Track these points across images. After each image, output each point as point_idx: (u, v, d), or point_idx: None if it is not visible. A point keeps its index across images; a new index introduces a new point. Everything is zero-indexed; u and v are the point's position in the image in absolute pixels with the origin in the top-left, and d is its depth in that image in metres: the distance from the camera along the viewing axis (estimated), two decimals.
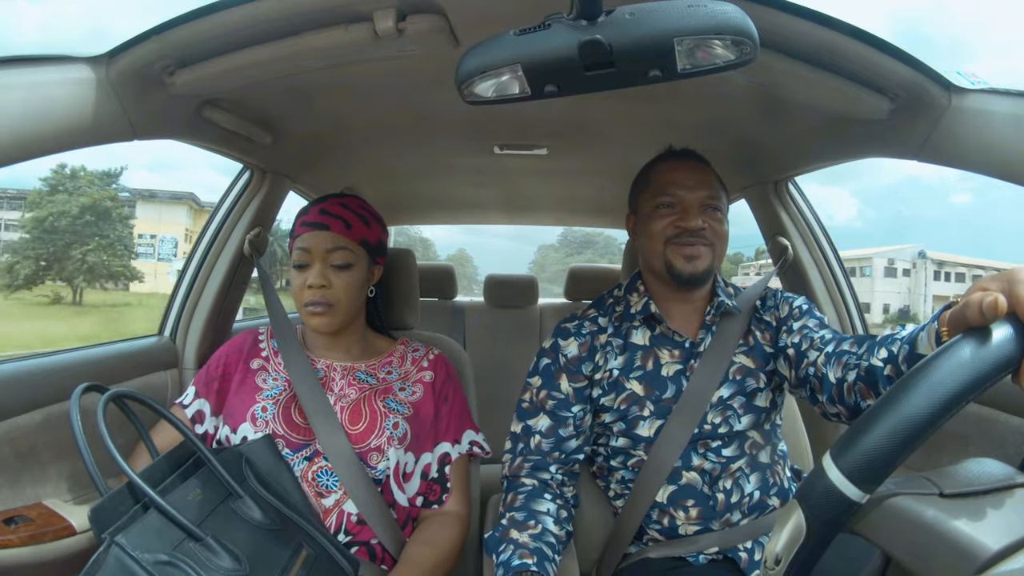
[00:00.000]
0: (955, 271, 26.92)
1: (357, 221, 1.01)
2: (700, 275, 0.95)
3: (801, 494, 0.43)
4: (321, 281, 0.97)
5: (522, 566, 0.82)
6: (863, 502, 0.41)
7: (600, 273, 2.35)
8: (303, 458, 0.93)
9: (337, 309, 0.98)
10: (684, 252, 0.94)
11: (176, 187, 71.04)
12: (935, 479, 0.43)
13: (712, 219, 0.96)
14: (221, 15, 0.75)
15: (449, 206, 2.35)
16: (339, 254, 0.98)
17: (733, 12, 0.53)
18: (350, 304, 1.00)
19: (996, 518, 0.40)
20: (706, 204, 0.96)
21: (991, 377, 0.42)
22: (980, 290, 0.49)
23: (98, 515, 0.66)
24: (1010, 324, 0.45)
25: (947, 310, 0.57)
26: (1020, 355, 0.44)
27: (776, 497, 0.96)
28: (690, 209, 0.95)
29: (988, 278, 0.50)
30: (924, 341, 0.63)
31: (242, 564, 0.72)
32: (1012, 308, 0.46)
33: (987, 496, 0.42)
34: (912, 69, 0.79)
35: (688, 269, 0.94)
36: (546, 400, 0.97)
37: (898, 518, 0.41)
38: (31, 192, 21.48)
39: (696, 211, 0.95)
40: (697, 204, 0.96)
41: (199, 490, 0.77)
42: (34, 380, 0.97)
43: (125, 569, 0.63)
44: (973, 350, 0.43)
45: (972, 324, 0.46)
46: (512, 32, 0.57)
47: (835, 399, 0.80)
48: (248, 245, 1.33)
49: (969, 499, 0.41)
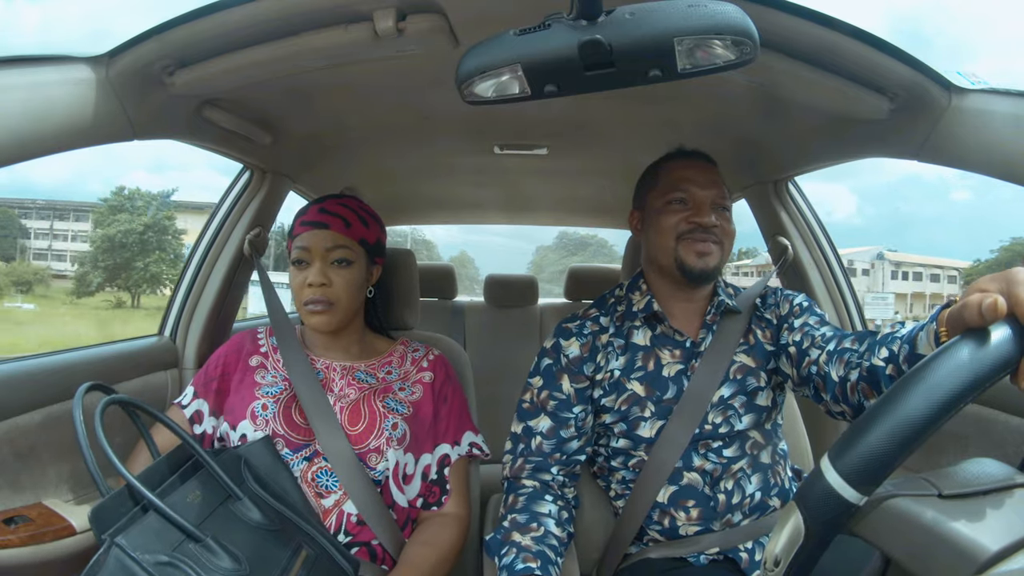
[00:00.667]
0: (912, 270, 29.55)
1: (356, 220, 1.01)
2: (710, 271, 0.96)
3: (799, 496, 0.43)
4: (321, 279, 0.97)
5: (526, 570, 0.82)
6: (861, 504, 0.41)
7: (600, 273, 2.35)
8: (303, 458, 0.93)
9: (337, 307, 0.98)
10: (696, 248, 0.95)
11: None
12: (934, 480, 0.43)
13: (722, 218, 0.97)
14: (221, 15, 0.75)
15: (449, 206, 2.35)
16: (339, 252, 0.98)
17: (733, 12, 0.53)
18: (350, 303, 1.00)
19: (995, 519, 0.40)
20: (717, 203, 0.97)
21: (989, 379, 0.42)
22: (979, 291, 0.49)
23: (98, 516, 0.67)
24: (1008, 325, 0.45)
25: (945, 309, 0.57)
26: (1019, 356, 0.44)
27: (777, 497, 0.96)
28: (703, 206, 0.96)
29: (987, 278, 0.50)
30: (923, 341, 0.63)
31: (242, 564, 0.72)
32: (1011, 309, 0.45)
33: (986, 496, 0.42)
34: (912, 69, 0.79)
35: (699, 265, 0.95)
36: (547, 401, 0.97)
37: (897, 519, 0.41)
38: (94, 208, 27.01)
39: (708, 208, 0.96)
40: (709, 202, 0.97)
41: (198, 492, 0.77)
42: (34, 380, 0.97)
43: (126, 570, 0.63)
44: (972, 351, 0.43)
45: (971, 325, 0.46)
46: (512, 32, 0.57)
47: (839, 398, 0.80)
48: (248, 245, 1.33)
49: (968, 500, 0.41)
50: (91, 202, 26.60)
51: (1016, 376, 0.44)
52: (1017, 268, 0.48)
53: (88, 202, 28.44)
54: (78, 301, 25.02)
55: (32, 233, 29.66)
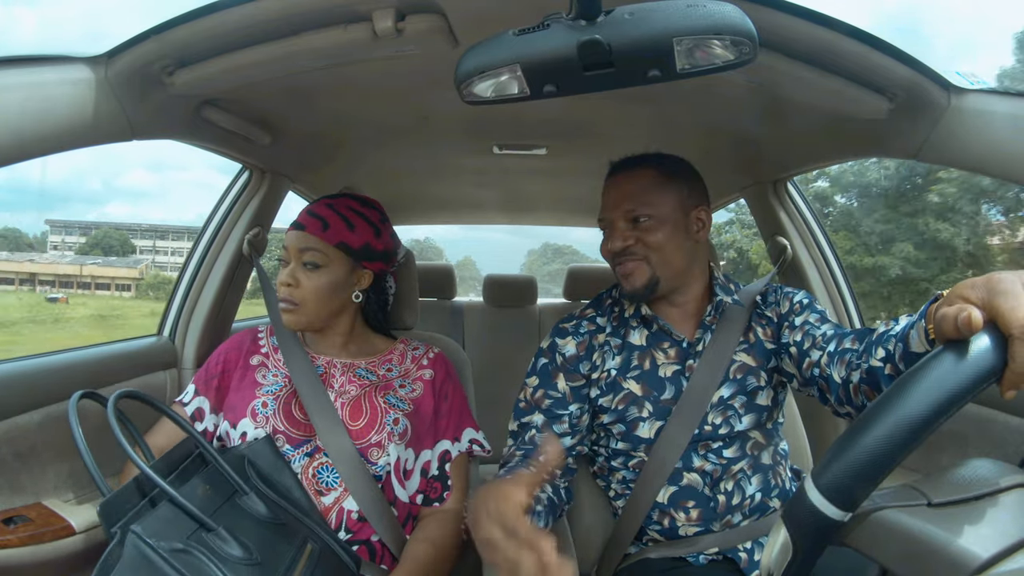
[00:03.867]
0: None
1: (339, 223, 0.99)
2: (640, 290, 0.94)
3: (786, 513, 0.44)
4: (288, 280, 0.98)
5: (523, 463, 0.82)
6: (846, 520, 0.41)
7: (599, 273, 2.36)
8: (303, 454, 0.93)
9: (303, 308, 0.99)
10: (620, 272, 0.96)
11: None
12: (924, 488, 0.43)
13: (639, 230, 0.94)
14: (220, 15, 0.75)
15: (448, 206, 2.34)
16: (308, 255, 0.99)
17: (732, 12, 0.53)
18: (317, 306, 0.99)
19: (985, 525, 0.40)
20: (631, 216, 0.94)
21: (971, 391, 0.42)
22: (960, 298, 0.48)
23: (107, 510, 0.68)
24: (988, 335, 0.44)
25: (934, 303, 0.57)
26: (1001, 365, 0.43)
27: (777, 498, 0.96)
28: (613, 228, 0.96)
29: (968, 285, 0.48)
30: (915, 339, 0.62)
31: (253, 554, 0.73)
32: (991, 318, 0.45)
33: (977, 502, 0.42)
34: (911, 69, 0.79)
35: (628, 287, 0.95)
36: (542, 399, 0.97)
37: (887, 531, 0.41)
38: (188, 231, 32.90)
39: (618, 231, 0.95)
40: (620, 220, 0.95)
41: (207, 486, 0.78)
42: (34, 380, 0.97)
43: (143, 557, 0.63)
44: (951, 366, 0.43)
45: (949, 338, 0.45)
46: (511, 32, 0.56)
47: (843, 400, 0.79)
48: (247, 245, 1.33)
49: (958, 507, 0.41)
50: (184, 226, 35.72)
51: (1001, 384, 0.44)
52: (1000, 276, 0.47)
53: (182, 226, 42.11)
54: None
55: (137, 250, 44.61)
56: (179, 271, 1.42)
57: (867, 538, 0.42)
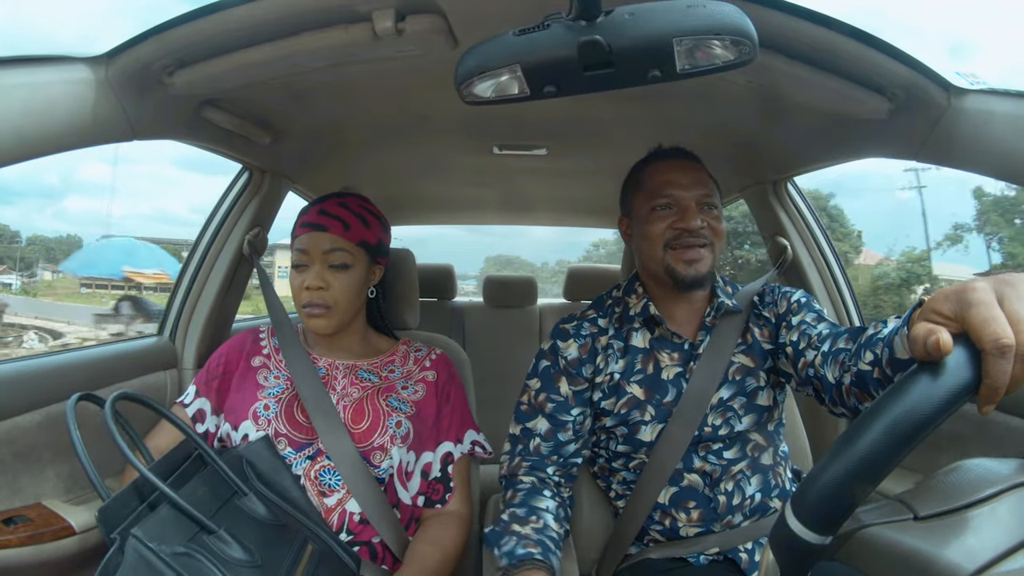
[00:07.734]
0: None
1: (356, 222, 1.00)
2: (702, 278, 0.94)
3: (771, 537, 0.43)
4: (319, 283, 0.97)
5: (527, 554, 0.82)
6: (827, 543, 0.41)
7: (599, 273, 2.36)
8: (306, 457, 0.93)
9: (335, 310, 0.98)
10: (685, 256, 0.93)
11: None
12: (910, 501, 0.43)
13: (710, 217, 0.94)
14: (220, 15, 0.75)
15: (448, 206, 2.34)
16: (337, 255, 0.98)
17: (732, 12, 0.53)
18: (348, 305, 0.99)
19: (971, 535, 0.40)
20: (703, 203, 0.94)
21: (946, 411, 0.41)
22: (933, 312, 0.46)
23: (105, 515, 0.66)
24: (963, 349, 0.42)
25: (917, 309, 0.55)
26: (976, 381, 0.42)
27: (778, 499, 0.96)
28: (688, 209, 0.93)
29: (941, 297, 0.46)
30: (899, 346, 0.62)
31: (254, 556, 0.72)
32: (964, 331, 0.43)
33: (964, 511, 0.41)
34: (911, 69, 0.79)
35: (690, 273, 0.93)
36: (545, 403, 0.97)
37: (873, 549, 0.41)
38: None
39: (694, 211, 0.93)
40: (694, 203, 0.94)
41: (206, 488, 0.78)
42: (34, 380, 0.97)
43: (144, 561, 0.63)
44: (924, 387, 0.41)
45: (919, 359, 0.43)
46: (511, 32, 0.56)
47: (836, 400, 0.79)
48: (247, 245, 1.33)
49: (945, 518, 0.41)
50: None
51: (977, 398, 0.42)
52: (973, 285, 0.45)
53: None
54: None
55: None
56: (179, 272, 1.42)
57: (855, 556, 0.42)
